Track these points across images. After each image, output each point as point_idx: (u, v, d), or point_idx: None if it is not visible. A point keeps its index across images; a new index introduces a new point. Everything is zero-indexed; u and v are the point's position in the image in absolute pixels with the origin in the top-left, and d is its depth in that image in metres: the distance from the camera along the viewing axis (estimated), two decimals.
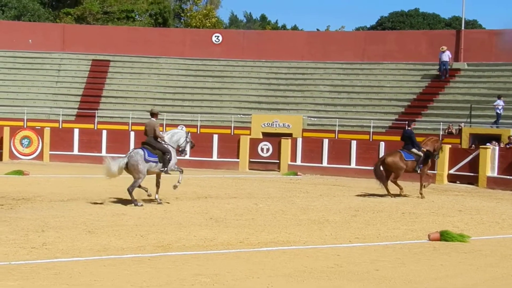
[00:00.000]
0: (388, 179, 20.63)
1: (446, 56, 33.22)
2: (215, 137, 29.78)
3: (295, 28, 63.58)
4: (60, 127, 32.00)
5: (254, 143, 29.62)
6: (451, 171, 26.18)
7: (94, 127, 32.13)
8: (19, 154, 30.38)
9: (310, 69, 36.17)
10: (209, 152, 29.46)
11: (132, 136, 30.03)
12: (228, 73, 36.69)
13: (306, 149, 28.78)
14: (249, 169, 29.27)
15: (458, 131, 28.93)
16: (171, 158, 17.29)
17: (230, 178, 25.41)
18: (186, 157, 20.13)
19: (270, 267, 10.33)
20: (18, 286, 8.85)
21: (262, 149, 29.45)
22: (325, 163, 28.40)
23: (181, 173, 17.51)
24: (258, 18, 71.86)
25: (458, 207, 18.66)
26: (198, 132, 30.69)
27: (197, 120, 32.34)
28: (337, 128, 30.95)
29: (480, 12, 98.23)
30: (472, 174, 25.62)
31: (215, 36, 38.04)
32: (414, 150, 20.72)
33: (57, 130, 31.30)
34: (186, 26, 54.14)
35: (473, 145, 27.21)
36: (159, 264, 10.29)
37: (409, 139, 20.89)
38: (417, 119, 30.60)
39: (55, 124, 32.23)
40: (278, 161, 29.13)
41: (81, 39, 37.64)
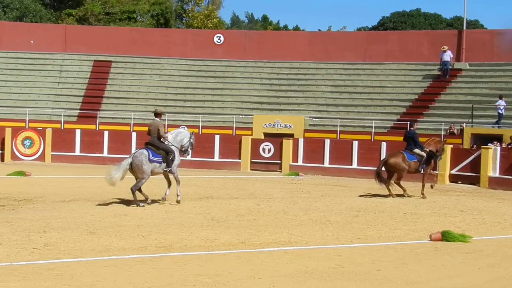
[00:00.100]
0: (390, 180, 20.64)
1: (447, 56, 33.18)
2: (217, 138, 29.79)
3: (297, 29, 63.59)
4: (62, 128, 32.00)
5: (256, 144, 29.61)
6: (453, 171, 26.17)
7: (96, 128, 32.13)
8: (21, 155, 30.41)
9: (312, 70, 36.15)
10: (211, 153, 29.46)
11: (134, 137, 30.05)
12: (230, 74, 36.69)
13: (308, 150, 28.77)
14: (251, 170, 29.25)
15: (460, 131, 28.90)
16: (175, 158, 17.30)
17: (232, 179, 25.41)
18: (188, 158, 20.16)
19: (272, 268, 10.34)
20: (20, 287, 8.87)
21: (264, 150, 29.44)
22: (327, 164, 28.39)
23: (178, 185, 17.45)
24: (260, 19, 71.89)
25: (460, 207, 18.65)
26: (200, 133, 30.68)
27: (199, 121, 32.32)
28: (339, 129, 30.91)
29: (482, 12, 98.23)
30: (474, 174, 25.61)
31: (217, 37, 38.04)
32: (417, 151, 20.72)
33: (59, 131, 31.31)
34: (188, 27, 54.16)
35: (475, 145, 27.18)
36: (161, 265, 10.30)
37: (412, 140, 20.89)
38: (419, 119, 30.55)
39: (57, 125, 32.23)
40: (280, 162, 29.11)
41: (83, 40, 37.66)
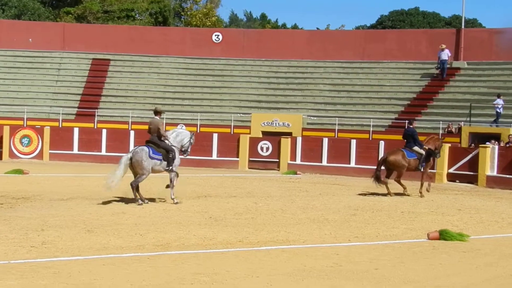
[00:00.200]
0: (389, 178, 20.62)
1: (445, 55, 33.17)
2: (215, 136, 29.78)
3: (295, 27, 63.61)
4: (60, 126, 31.99)
5: (254, 142, 29.61)
6: (451, 170, 26.18)
7: (94, 126, 32.12)
8: (19, 153, 30.38)
9: (310, 68, 36.16)
10: (209, 151, 29.45)
11: (132, 135, 30.04)
12: (228, 72, 36.68)
13: (306, 148, 28.77)
14: (249, 168, 29.25)
15: (458, 130, 28.93)
16: (175, 157, 17.33)
17: (230, 177, 25.42)
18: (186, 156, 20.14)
19: (270, 266, 10.35)
20: (18, 285, 8.87)
21: (262, 148, 29.44)
22: (325, 162, 28.39)
23: (172, 188, 17.34)
24: (258, 17, 71.90)
25: (458, 206, 18.67)
26: (198, 131, 30.68)
27: (197, 119, 32.34)
28: (337, 127, 30.93)
29: (480, 11, 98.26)
30: (472, 173, 25.62)
31: (215, 35, 38.03)
32: (416, 148, 20.73)
33: (57, 129, 31.30)
34: (186, 25, 54.14)
35: (473, 144, 27.21)
36: (159, 263, 10.30)
37: (411, 137, 20.88)
38: (417, 118, 30.55)
39: (55, 123, 32.23)
40: (278, 160, 29.11)
41: (81, 38, 37.64)
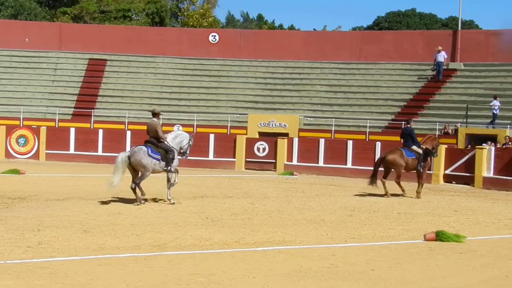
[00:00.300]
0: (386, 178, 20.58)
1: (442, 57, 33.18)
2: (211, 137, 29.77)
3: (292, 28, 63.61)
4: (56, 126, 31.94)
5: (251, 143, 29.60)
6: (447, 171, 26.21)
7: (91, 126, 32.09)
8: (15, 153, 30.35)
9: (307, 69, 36.16)
10: (205, 152, 29.43)
11: (129, 135, 30.01)
12: (225, 73, 36.67)
13: (302, 149, 28.77)
14: (245, 169, 29.25)
15: (454, 132, 28.95)
16: (174, 158, 17.34)
17: (226, 178, 25.41)
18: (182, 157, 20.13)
19: (266, 267, 10.34)
20: (14, 285, 8.85)
21: (259, 149, 29.44)
22: (321, 163, 28.40)
23: (169, 188, 17.35)
24: (255, 18, 71.95)
25: (454, 207, 18.68)
26: (195, 132, 30.67)
27: (194, 120, 32.32)
28: (334, 128, 30.93)
29: (477, 13, 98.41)
30: (468, 175, 25.65)
31: (212, 36, 38.02)
32: (414, 148, 20.73)
33: (53, 129, 31.27)
34: (183, 26, 54.11)
35: (469, 146, 27.23)
36: (155, 264, 10.29)
37: (409, 136, 20.88)
38: (414, 119, 30.54)
39: (51, 123, 32.18)
40: (274, 161, 29.11)
41: (78, 38, 37.59)
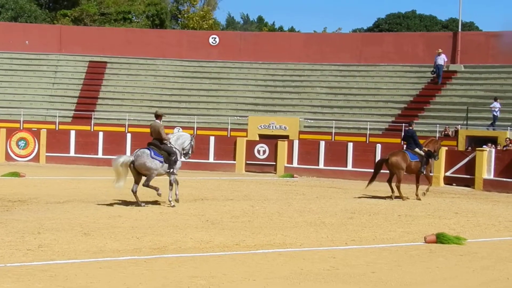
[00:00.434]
0: (392, 181, 20.53)
1: (442, 60, 33.16)
2: (212, 139, 29.74)
3: (292, 30, 63.64)
4: (57, 129, 31.93)
5: (251, 145, 29.58)
6: (448, 173, 26.19)
7: (91, 129, 32.08)
8: (15, 156, 30.34)
9: (307, 71, 36.16)
10: (206, 154, 29.38)
11: (129, 138, 29.99)
12: (225, 75, 36.68)
13: (303, 151, 28.75)
14: (246, 171, 29.22)
15: (455, 133, 28.93)
16: (177, 160, 17.37)
17: (227, 180, 25.40)
18: (182, 159, 20.12)
19: (266, 270, 10.33)
20: None
21: (259, 151, 29.42)
22: (322, 165, 28.37)
23: (170, 190, 17.41)
24: (255, 20, 71.92)
25: (454, 210, 18.66)
26: (195, 134, 30.63)
27: (194, 122, 32.30)
28: (334, 130, 30.90)
29: (477, 14, 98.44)
30: (469, 177, 25.62)
31: (212, 38, 38.03)
32: (417, 150, 20.73)
33: (54, 132, 31.25)
34: (183, 28, 54.14)
35: (470, 148, 27.21)
36: (155, 266, 10.28)
37: (412, 139, 20.87)
38: (414, 121, 30.52)
39: (52, 126, 32.16)
40: (275, 163, 29.08)
41: (78, 41, 37.61)
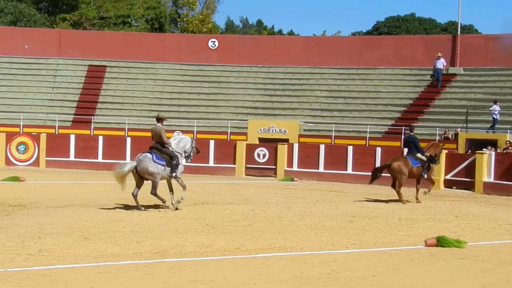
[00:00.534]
0: (396, 185, 20.53)
1: (441, 64, 33.18)
2: (212, 143, 29.74)
3: (291, 33, 63.65)
4: (56, 133, 31.95)
5: (251, 149, 29.58)
6: (448, 177, 26.19)
7: (90, 133, 32.08)
8: (15, 160, 30.33)
9: (306, 74, 36.19)
10: (206, 158, 29.35)
11: (129, 142, 29.99)
12: (225, 79, 36.69)
13: (303, 155, 28.75)
14: (246, 175, 29.21)
15: (454, 136, 28.94)
16: (179, 163, 17.37)
17: (227, 184, 25.39)
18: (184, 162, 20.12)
19: (267, 274, 10.32)
20: None
21: (259, 155, 29.42)
22: (322, 169, 28.37)
23: (184, 190, 17.51)
24: (255, 23, 71.95)
25: (455, 213, 18.65)
26: (194, 138, 30.63)
27: (193, 126, 32.31)
28: (334, 134, 30.92)
29: (476, 17, 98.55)
30: (469, 180, 25.62)
31: (211, 41, 38.05)
32: (419, 155, 20.72)
33: (53, 136, 31.25)
34: (182, 32, 54.16)
35: (469, 151, 27.21)
36: (156, 271, 10.27)
37: (413, 144, 20.87)
38: (414, 125, 30.44)
39: (51, 130, 32.18)
40: (275, 167, 29.08)
41: (77, 45, 37.63)
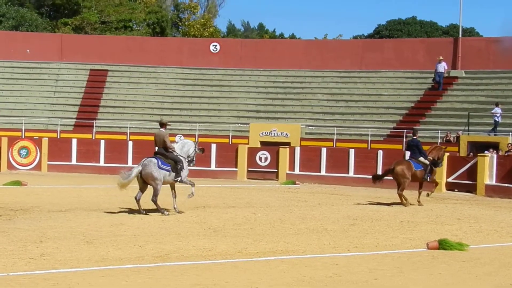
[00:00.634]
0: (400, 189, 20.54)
1: (442, 67, 33.19)
2: (213, 146, 29.72)
3: (293, 37, 63.72)
4: (58, 137, 31.97)
5: (252, 152, 29.57)
6: (449, 179, 26.16)
7: (92, 137, 32.11)
8: (17, 165, 30.33)
9: (308, 78, 36.21)
10: (207, 162, 29.36)
11: (130, 146, 29.98)
12: (226, 82, 36.72)
13: (304, 158, 28.73)
14: (247, 178, 29.18)
15: (456, 139, 28.94)
16: (183, 168, 17.41)
17: (228, 188, 25.39)
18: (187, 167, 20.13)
19: (269, 277, 10.32)
20: None
21: (260, 158, 29.41)
22: (323, 172, 28.35)
23: (193, 186, 17.66)
24: (256, 27, 72.02)
25: (457, 216, 18.64)
26: (197, 141, 30.63)
27: (195, 130, 32.32)
28: (335, 137, 30.92)
29: (478, 20, 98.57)
30: (470, 182, 25.60)
31: (213, 45, 38.09)
32: (422, 159, 20.73)
33: (55, 140, 31.26)
34: (184, 35, 54.24)
35: (471, 153, 27.21)
36: (158, 274, 10.27)
37: (416, 148, 20.87)
38: (415, 127, 30.58)
39: (53, 134, 32.21)
40: (276, 170, 29.06)
41: (79, 49, 37.69)
